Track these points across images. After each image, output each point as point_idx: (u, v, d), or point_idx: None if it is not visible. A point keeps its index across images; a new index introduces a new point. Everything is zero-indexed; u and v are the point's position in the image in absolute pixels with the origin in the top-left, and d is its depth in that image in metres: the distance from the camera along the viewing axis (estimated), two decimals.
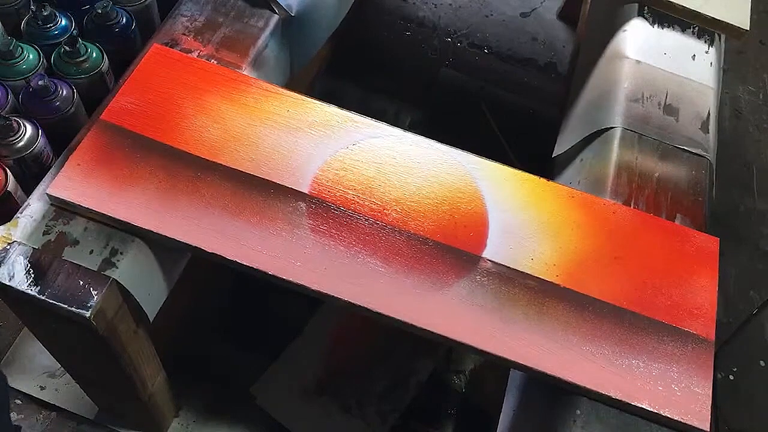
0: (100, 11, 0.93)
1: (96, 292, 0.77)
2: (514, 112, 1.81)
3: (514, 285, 0.82)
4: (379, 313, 0.79)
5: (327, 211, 0.84)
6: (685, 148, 1.00)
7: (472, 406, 1.37)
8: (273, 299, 1.38)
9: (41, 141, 0.84)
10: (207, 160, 0.85)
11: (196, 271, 0.96)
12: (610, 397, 0.78)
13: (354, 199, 0.85)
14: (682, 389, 0.79)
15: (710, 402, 0.78)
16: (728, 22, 1.12)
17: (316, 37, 1.17)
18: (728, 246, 1.63)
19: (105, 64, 0.92)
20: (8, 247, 0.78)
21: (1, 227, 0.79)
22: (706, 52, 1.11)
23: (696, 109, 1.04)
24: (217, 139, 0.87)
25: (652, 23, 1.13)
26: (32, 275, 0.77)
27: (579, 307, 0.82)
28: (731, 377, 1.51)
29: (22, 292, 0.76)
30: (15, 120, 0.82)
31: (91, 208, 0.80)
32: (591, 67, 1.16)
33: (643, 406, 0.77)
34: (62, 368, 1.15)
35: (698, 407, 0.78)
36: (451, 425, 1.35)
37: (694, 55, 1.10)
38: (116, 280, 0.78)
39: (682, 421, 0.77)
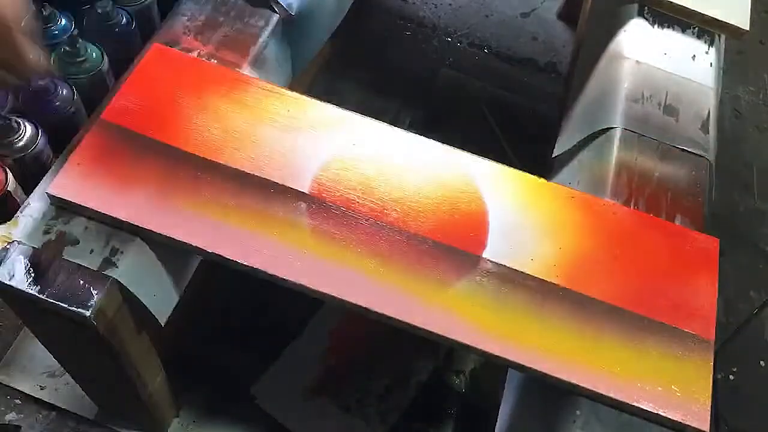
0: (100, 11, 0.93)
1: (96, 292, 0.77)
2: (514, 112, 1.81)
3: (514, 285, 0.82)
4: (379, 314, 0.79)
5: (327, 211, 0.84)
6: (685, 148, 1.00)
7: (472, 406, 1.37)
8: (273, 299, 1.38)
9: (41, 141, 0.84)
10: (207, 159, 0.85)
11: (196, 271, 0.96)
12: (610, 398, 0.78)
13: (354, 199, 0.85)
14: (682, 389, 0.79)
15: (710, 402, 0.78)
16: (728, 22, 1.12)
17: (317, 37, 1.17)
18: (728, 246, 1.63)
19: (105, 64, 0.92)
20: (8, 246, 0.78)
21: (1, 227, 0.79)
22: (706, 52, 1.11)
23: (696, 109, 1.04)
24: (217, 138, 0.87)
25: (652, 23, 1.13)
26: (32, 275, 0.77)
27: (579, 307, 0.82)
28: (731, 377, 1.51)
29: (22, 291, 0.76)
30: (15, 120, 0.82)
31: (91, 207, 0.80)
32: (591, 68, 1.16)
33: (642, 407, 0.77)
34: (62, 368, 1.15)
35: (698, 407, 0.78)
36: (451, 425, 1.35)
37: (694, 55, 1.10)
38: (117, 280, 0.78)
39: (681, 421, 0.77)
